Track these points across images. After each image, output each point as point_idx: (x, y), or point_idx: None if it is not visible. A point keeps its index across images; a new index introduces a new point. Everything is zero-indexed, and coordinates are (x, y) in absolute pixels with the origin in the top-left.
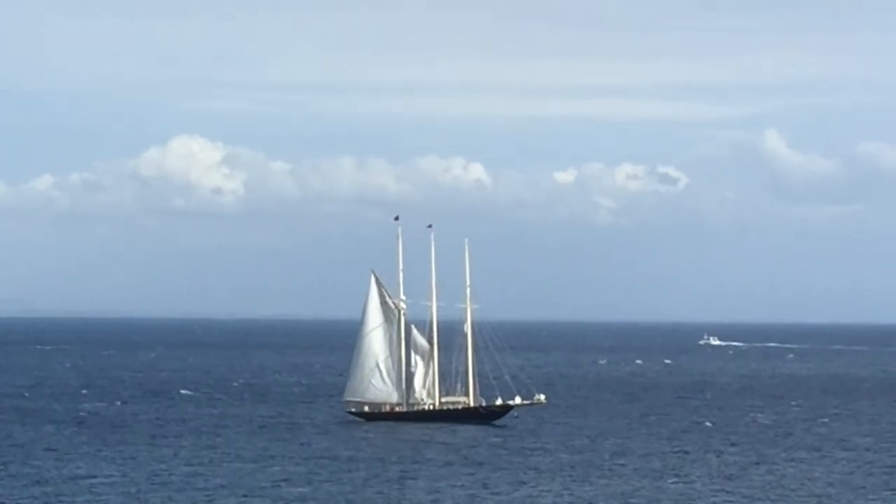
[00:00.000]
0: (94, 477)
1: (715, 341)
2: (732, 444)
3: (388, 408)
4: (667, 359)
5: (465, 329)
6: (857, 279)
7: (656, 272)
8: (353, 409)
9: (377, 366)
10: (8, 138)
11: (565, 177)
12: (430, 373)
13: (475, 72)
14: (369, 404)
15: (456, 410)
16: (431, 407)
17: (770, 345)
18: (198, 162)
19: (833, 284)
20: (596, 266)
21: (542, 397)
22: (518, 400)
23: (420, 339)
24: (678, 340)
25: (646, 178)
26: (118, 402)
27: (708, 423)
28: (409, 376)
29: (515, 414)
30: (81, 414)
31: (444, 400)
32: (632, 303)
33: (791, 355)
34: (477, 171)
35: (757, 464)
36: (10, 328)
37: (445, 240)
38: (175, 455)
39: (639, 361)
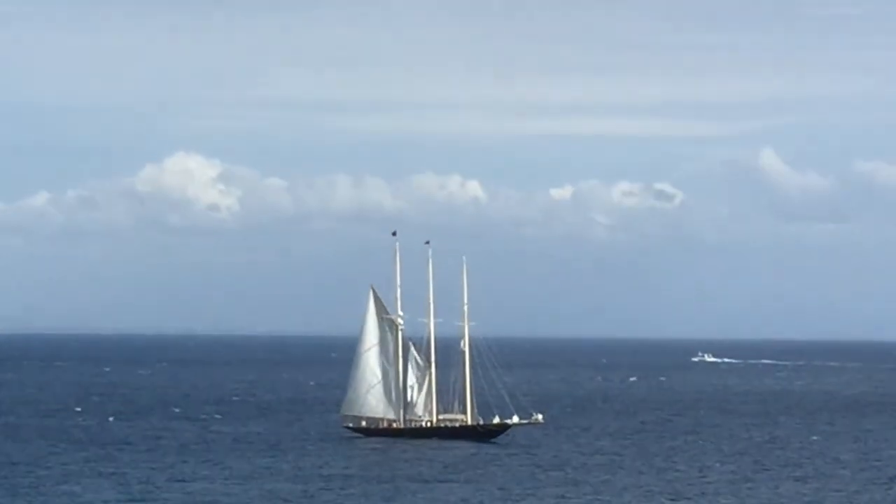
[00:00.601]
0: (86, 494)
1: (709, 358)
2: (725, 462)
3: (385, 423)
4: (661, 375)
5: (463, 346)
6: (851, 296)
7: (652, 288)
8: (351, 424)
9: (375, 381)
10: (3, 154)
11: (561, 193)
12: (428, 389)
13: (471, 89)
14: (367, 419)
15: (453, 428)
16: (429, 424)
17: (764, 361)
18: (193, 179)
19: (827, 301)
20: (592, 282)
21: (540, 417)
22: (515, 419)
23: (418, 356)
24: (672, 357)
25: (642, 194)
26: (111, 419)
27: (701, 441)
28: (407, 393)
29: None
30: (74, 431)
31: (441, 417)
32: (627, 319)
33: (783, 373)
34: (473, 187)
35: (749, 481)
36: (5, 345)
37: (442, 256)
38: (167, 472)
39: (633, 378)
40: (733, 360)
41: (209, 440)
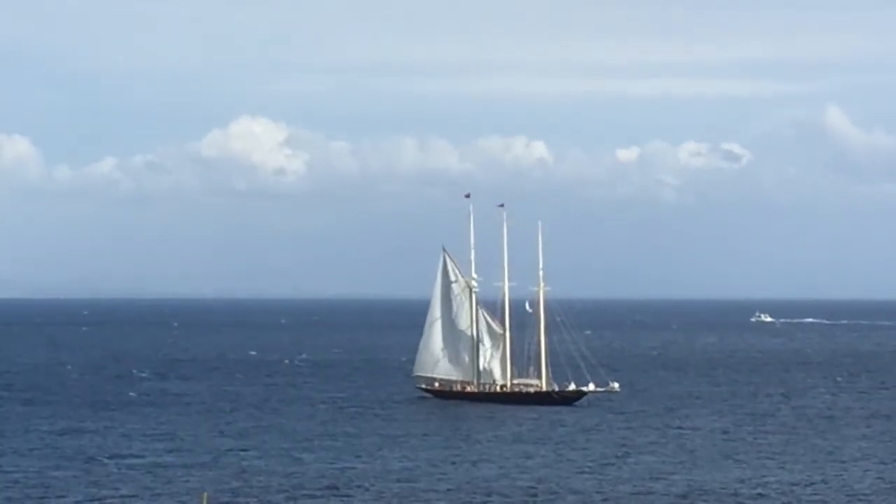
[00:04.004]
0: (142, 457)
1: (767, 318)
2: (796, 428)
3: (458, 386)
4: (721, 335)
5: (528, 308)
6: None
7: (719, 249)
8: (424, 385)
9: (448, 343)
10: (71, 121)
11: (628, 154)
12: (502, 353)
13: (536, 50)
14: (440, 381)
15: (527, 393)
16: (503, 388)
17: (840, 322)
18: (260, 143)
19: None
20: (659, 243)
21: (616, 385)
22: (591, 387)
23: (491, 319)
24: (734, 317)
25: (709, 155)
26: (181, 380)
27: (762, 405)
28: (480, 356)
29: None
30: (131, 392)
31: (515, 382)
32: (695, 279)
33: (838, 332)
34: (539, 149)
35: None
36: (73, 309)
37: (510, 218)
38: (233, 427)
39: (681, 340)
40: (800, 320)
41: (277, 400)
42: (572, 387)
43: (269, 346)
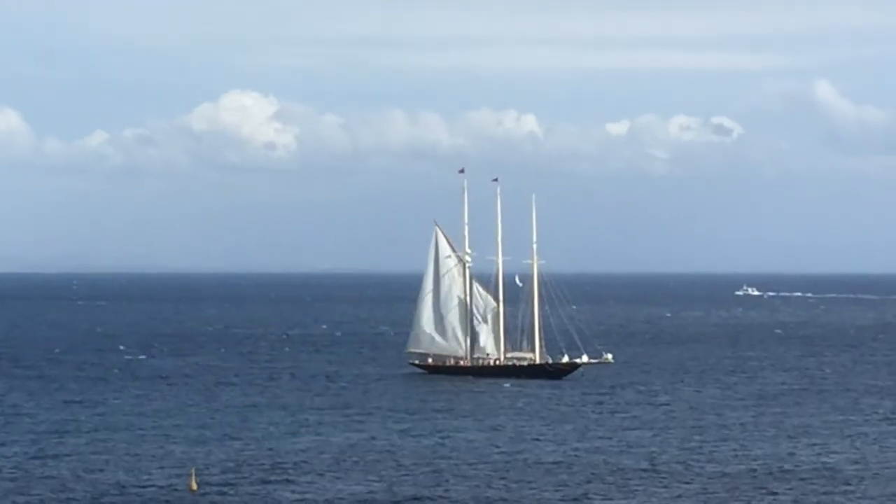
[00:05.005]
0: (129, 432)
1: (754, 292)
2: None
3: (452, 361)
4: (709, 309)
5: (518, 282)
6: None
7: (709, 223)
8: (417, 361)
9: (441, 318)
10: (61, 95)
11: (618, 128)
12: (496, 327)
13: (527, 24)
14: (433, 356)
15: (521, 366)
16: (496, 362)
17: (827, 295)
18: (250, 117)
19: (887, 234)
20: (649, 217)
21: (610, 357)
22: (585, 359)
23: (485, 293)
24: (722, 290)
25: (699, 128)
26: (169, 355)
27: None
28: (474, 330)
29: (581, 371)
30: (117, 367)
31: (509, 355)
32: (684, 253)
33: (822, 306)
34: (529, 122)
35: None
36: (62, 283)
37: (501, 192)
38: (220, 401)
39: (668, 314)
40: (789, 294)
41: (268, 375)
42: (566, 359)
43: (257, 320)
